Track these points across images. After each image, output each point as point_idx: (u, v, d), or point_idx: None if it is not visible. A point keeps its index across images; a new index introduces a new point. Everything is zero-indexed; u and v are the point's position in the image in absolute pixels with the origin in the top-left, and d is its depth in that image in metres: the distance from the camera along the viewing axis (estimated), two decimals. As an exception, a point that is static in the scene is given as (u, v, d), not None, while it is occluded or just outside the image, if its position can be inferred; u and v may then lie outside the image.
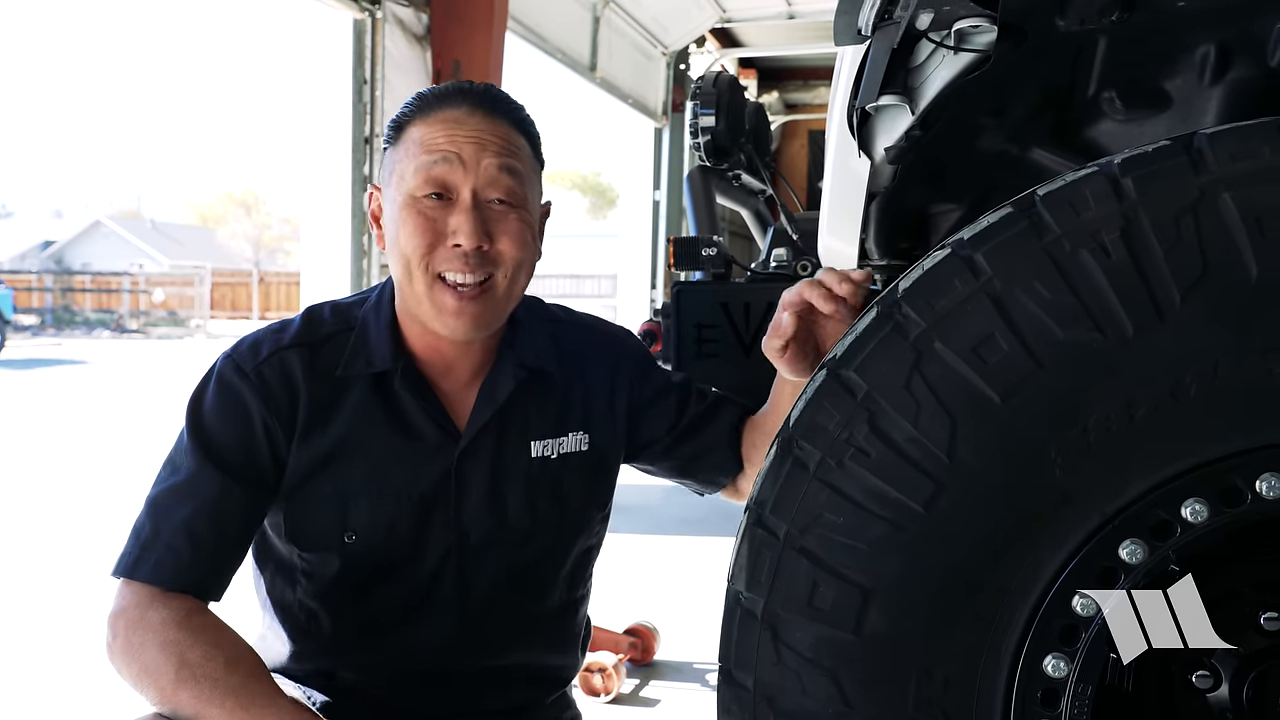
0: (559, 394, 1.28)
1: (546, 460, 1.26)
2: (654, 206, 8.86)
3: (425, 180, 1.14)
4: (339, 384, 1.20)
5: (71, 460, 6.82)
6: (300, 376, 1.18)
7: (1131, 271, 0.84)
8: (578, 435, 1.29)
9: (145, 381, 12.60)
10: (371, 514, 1.19)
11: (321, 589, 1.21)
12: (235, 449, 1.16)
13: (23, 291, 23.96)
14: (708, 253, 2.00)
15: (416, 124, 1.17)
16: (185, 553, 1.12)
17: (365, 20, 4.84)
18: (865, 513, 0.90)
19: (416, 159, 1.14)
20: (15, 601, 3.69)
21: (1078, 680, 0.88)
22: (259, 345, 1.20)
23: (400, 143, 1.18)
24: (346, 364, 1.20)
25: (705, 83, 2.13)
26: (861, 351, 0.92)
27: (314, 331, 1.22)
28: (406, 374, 1.20)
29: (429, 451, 1.21)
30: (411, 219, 1.14)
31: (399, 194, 1.16)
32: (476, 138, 1.15)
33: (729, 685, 0.98)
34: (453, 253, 1.13)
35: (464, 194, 1.14)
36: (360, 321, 1.23)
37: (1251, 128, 0.84)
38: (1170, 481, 0.85)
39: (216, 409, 1.17)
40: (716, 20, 8.54)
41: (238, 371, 1.18)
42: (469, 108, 1.16)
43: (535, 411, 1.26)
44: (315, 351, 1.20)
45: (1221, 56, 1.19)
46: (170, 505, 1.14)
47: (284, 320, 1.25)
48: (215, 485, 1.14)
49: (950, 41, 1.08)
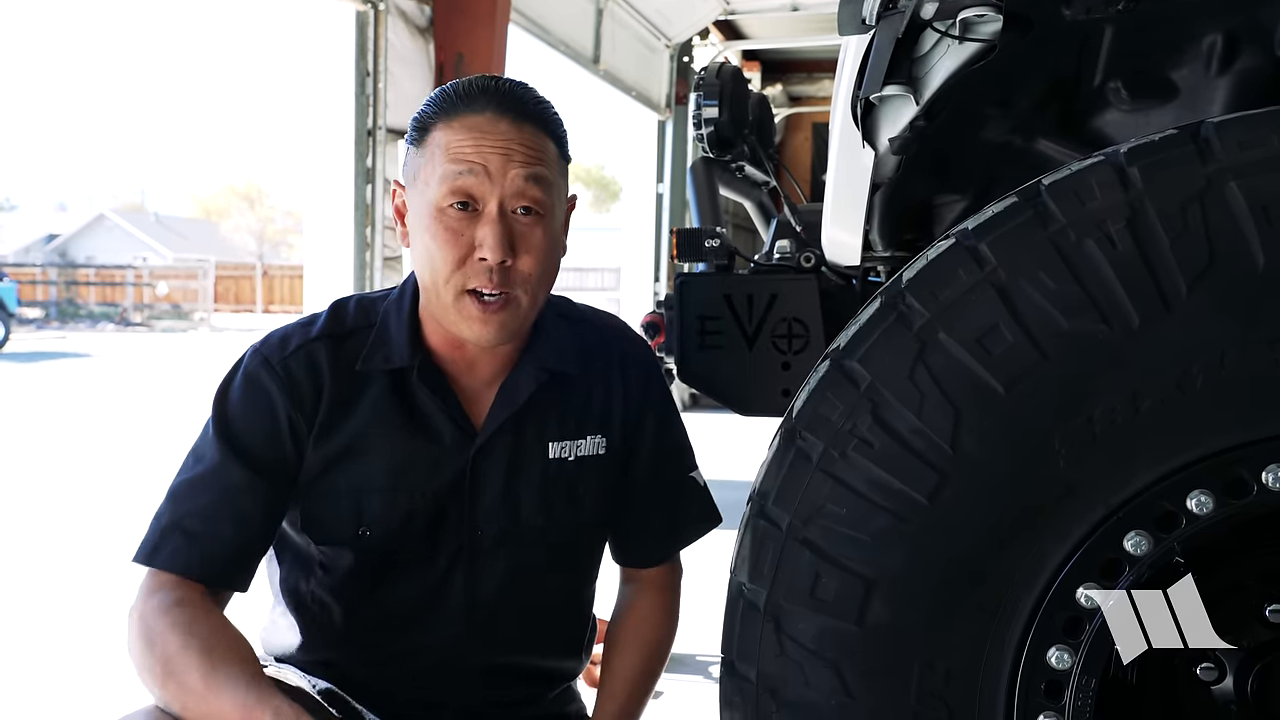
0: (579, 396, 1.28)
1: (564, 462, 1.26)
2: (657, 199, 8.84)
3: (450, 190, 1.12)
4: (359, 379, 1.20)
5: (76, 453, 6.83)
6: (326, 368, 1.19)
7: (1137, 262, 0.83)
8: (596, 439, 1.28)
9: (149, 375, 12.63)
10: (386, 509, 1.19)
11: (335, 582, 1.22)
12: (259, 442, 1.16)
13: (27, 285, 23.97)
14: (711, 244, 1.99)
15: (440, 127, 1.15)
16: (204, 542, 1.12)
17: (368, 12, 4.83)
18: (868, 504, 0.90)
19: (442, 167, 1.13)
20: (19, 594, 3.70)
21: (1081, 672, 0.88)
22: (288, 339, 1.21)
23: (424, 145, 1.16)
24: (366, 358, 1.20)
25: (709, 73, 2.12)
26: (865, 342, 0.92)
27: (339, 325, 1.23)
28: (424, 371, 1.20)
29: (445, 449, 1.21)
30: (438, 231, 1.13)
31: (423, 201, 1.15)
32: (503, 148, 1.13)
33: (732, 677, 0.98)
34: (479, 266, 1.13)
35: (490, 206, 1.13)
36: (382, 317, 1.23)
37: (1259, 116, 0.84)
38: (1176, 473, 0.84)
39: (242, 402, 1.18)
40: (720, 12, 8.52)
41: (265, 365, 1.18)
42: (494, 113, 1.14)
43: (554, 413, 1.26)
44: (340, 344, 1.21)
45: (1228, 46, 1.19)
46: (192, 494, 1.15)
47: (313, 314, 1.25)
48: (238, 476, 1.14)
49: (955, 31, 1.08)
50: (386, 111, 4.93)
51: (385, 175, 4.94)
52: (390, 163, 4.89)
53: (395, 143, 4.83)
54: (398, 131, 5.00)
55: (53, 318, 23.62)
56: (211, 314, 24.54)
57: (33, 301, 24.05)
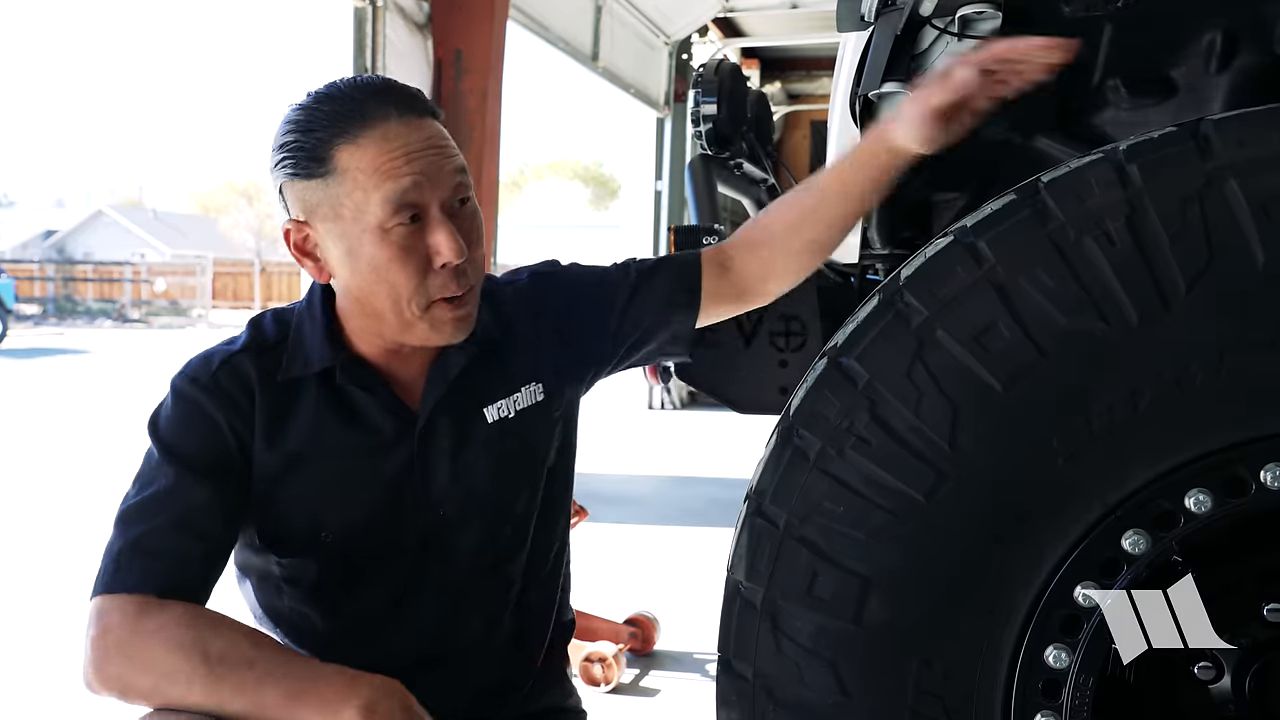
0: (506, 356, 1.28)
1: (505, 421, 1.26)
2: (656, 197, 8.84)
3: (397, 209, 1.08)
4: (287, 389, 1.19)
5: (74, 449, 6.83)
6: (255, 379, 1.17)
7: (1136, 260, 0.83)
8: (531, 387, 1.28)
9: (147, 371, 12.62)
10: (342, 510, 1.19)
11: (308, 593, 1.21)
12: (204, 452, 1.13)
13: (25, 281, 23.92)
14: (709, 242, 1.99)
15: (346, 149, 1.08)
16: (171, 558, 1.08)
17: (366, 9, 4.82)
18: (866, 502, 0.90)
19: (377, 190, 1.08)
20: (17, 592, 3.69)
21: (1079, 671, 0.87)
22: (210, 357, 1.19)
23: (334, 175, 1.09)
24: (285, 368, 1.19)
25: (707, 70, 2.12)
26: (863, 339, 0.91)
27: (260, 338, 1.21)
28: (347, 369, 1.19)
29: (388, 440, 1.21)
30: (391, 253, 1.09)
31: (360, 228, 1.10)
32: (426, 149, 1.10)
33: (728, 675, 0.98)
34: (441, 275, 1.11)
35: (434, 210, 1.10)
36: (295, 327, 1.22)
37: (1258, 114, 0.83)
38: (1174, 472, 0.84)
39: (178, 420, 1.15)
40: (719, 10, 8.51)
41: (194, 383, 1.16)
42: (396, 116, 1.10)
43: (488, 379, 1.26)
44: (262, 356, 1.19)
45: (1228, 43, 1.18)
46: (145, 516, 1.10)
47: (232, 335, 1.23)
48: (192, 492, 1.10)
49: (954, 28, 1.07)
50: (384, 108, 4.92)
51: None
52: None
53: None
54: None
55: (50, 314, 23.58)
56: (209, 310, 24.50)
57: (30, 297, 24.00)
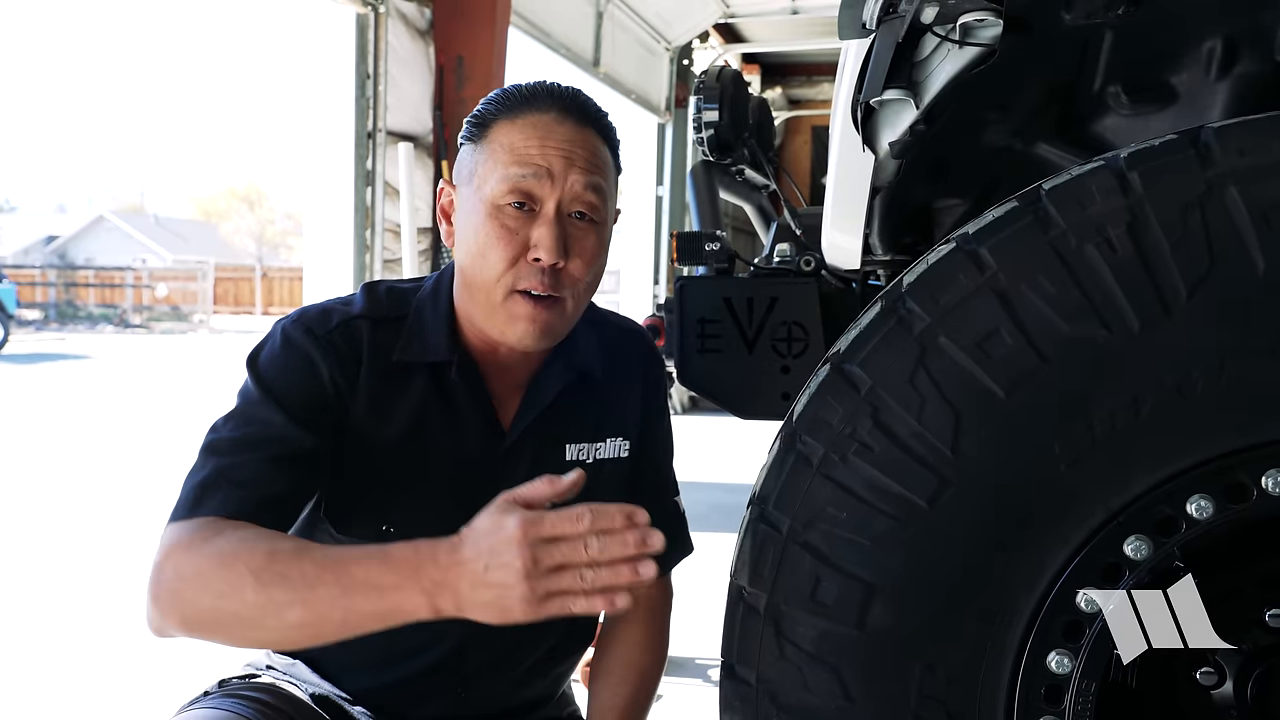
0: (598, 398, 1.27)
1: (581, 465, 1.24)
2: (657, 202, 8.86)
3: (510, 189, 1.12)
4: (393, 369, 1.18)
5: (75, 455, 6.83)
6: (366, 348, 1.17)
7: (1138, 266, 0.84)
8: (617, 441, 1.27)
9: (148, 376, 12.62)
10: (411, 507, 1.17)
11: None
12: (308, 400, 1.12)
13: (26, 286, 23.94)
14: (711, 248, 2.00)
15: (502, 125, 1.14)
16: (254, 488, 1.04)
17: (368, 15, 4.84)
18: (869, 507, 0.90)
19: (504, 167, 1.12)
20: (19, 596, 3.69)
21: (1082, 676, 0.88)
22: (329, 313, 1.18)
23: (484, 142, 1.15)
24: (403, 349, 1.18)
25: (709, 77, 2.12)
26: (865, 346, 0.92)
27: (376, 308, 1.21)
28: (463, 368, 1.19)
29: (474, 449, 1.19)
30: (493, 228, 1.12)
31: (479, 197, 1.14)
32: (566, 150, 1.13)
33: (731, 680, 0.98)
34: (532, 267, 1.12)
35: (548, 207, 1.12)
36: (415, 309, 1.22)
37: (1259, 122, 0.84)
38: (1176, 478, 0.84)
39: (285, 364, 1.13)
40: (720, 16, 8.53)
41: (308, 334, 1.15)
42: (558, 114, 1.14)
43: (574, 415, 1.25)
44: (378, 327, 1.19)
45: (1228, 50, 1.19)
46: (238, 449, 1.07)
47: (348, 295, 1.23)
48: (287, 431, 1.08)
49: (955, 35, 1.08)
50: (386, 114, 4.93)
51: (385, 178, 4.94)
52: (390, 165, 4.90)
53: (395, 145, 4.83)
54: (397, 134, 5.01)
55: (52, 319, 23.60)
56: (211, 316, 24.52)
57: (32, 303, 24.03)
